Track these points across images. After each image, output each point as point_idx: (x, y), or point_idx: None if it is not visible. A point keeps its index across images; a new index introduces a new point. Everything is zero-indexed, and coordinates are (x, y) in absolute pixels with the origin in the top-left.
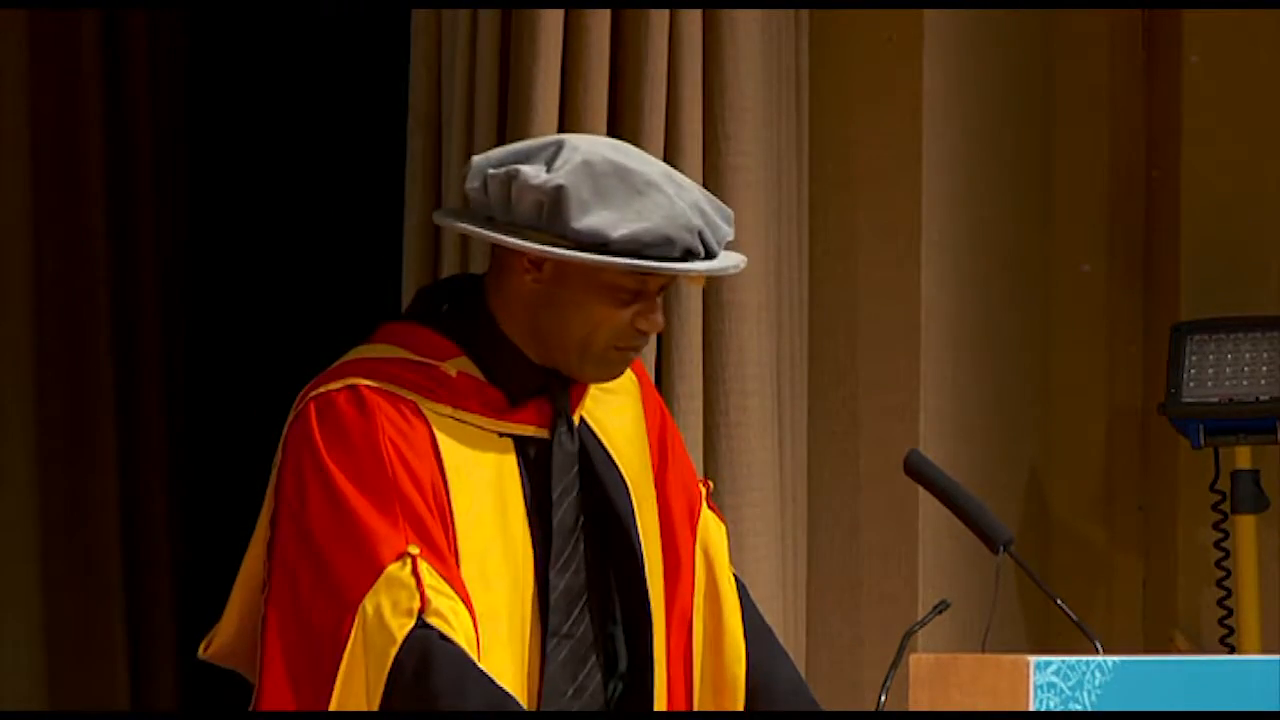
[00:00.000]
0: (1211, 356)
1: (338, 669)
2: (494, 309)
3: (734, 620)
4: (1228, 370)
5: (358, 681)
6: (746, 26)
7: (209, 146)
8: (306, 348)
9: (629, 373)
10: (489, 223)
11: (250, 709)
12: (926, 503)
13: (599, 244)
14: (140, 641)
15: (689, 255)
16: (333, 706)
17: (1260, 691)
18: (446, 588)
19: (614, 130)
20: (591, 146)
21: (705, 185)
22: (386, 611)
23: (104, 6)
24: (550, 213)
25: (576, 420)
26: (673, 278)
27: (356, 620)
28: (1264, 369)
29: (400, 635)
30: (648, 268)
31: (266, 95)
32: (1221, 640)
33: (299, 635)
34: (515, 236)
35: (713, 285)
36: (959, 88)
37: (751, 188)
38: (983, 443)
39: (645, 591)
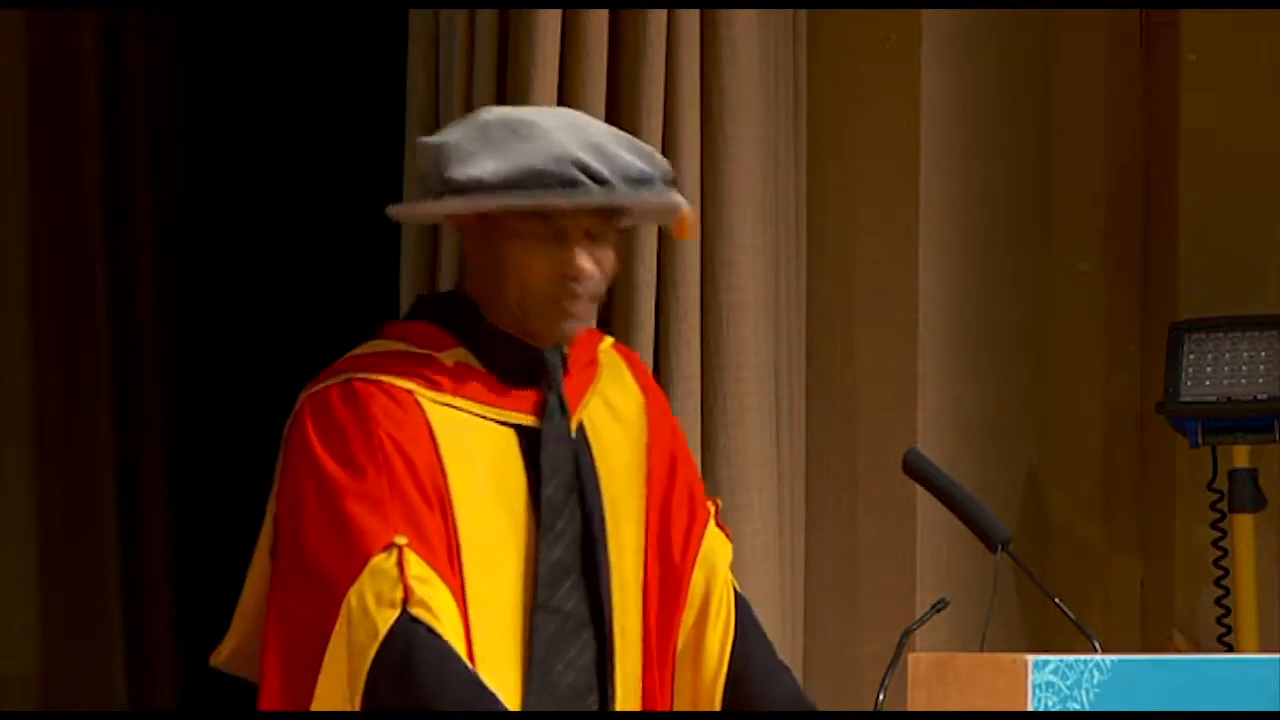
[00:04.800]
0: (1209, 355)
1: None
2: (472, 294)
3: (713, 640)
4: (1225, 369)
5: (339, 674)
6: (744, 26)
7: (207, 148)
8: (305, 349)
9: (635, 390)
10: (421, 196)
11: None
12: (925, 502)
13: (476, 189)
14: (138, 641)
15: (573, 186)
16: (314, 699)
17: (1258, 691)
18: (433, 576)
19: None
20: (508, 109)
21: (703, 185)
22: (370, 603)
23: (103, 8)
24: (438, 170)
25: (574, 424)
26: (581, 217)
27: (342, 612)
28: (1261, 368)
29: (383, 628)
30: (517, 203)
31: (264, 96)
32: (1219, 639)
33: (292, 632)
34: (428, 200)
35: (710, 285)
36: (957, 88)
37: (749, 187)
38: (981, 441)
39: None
